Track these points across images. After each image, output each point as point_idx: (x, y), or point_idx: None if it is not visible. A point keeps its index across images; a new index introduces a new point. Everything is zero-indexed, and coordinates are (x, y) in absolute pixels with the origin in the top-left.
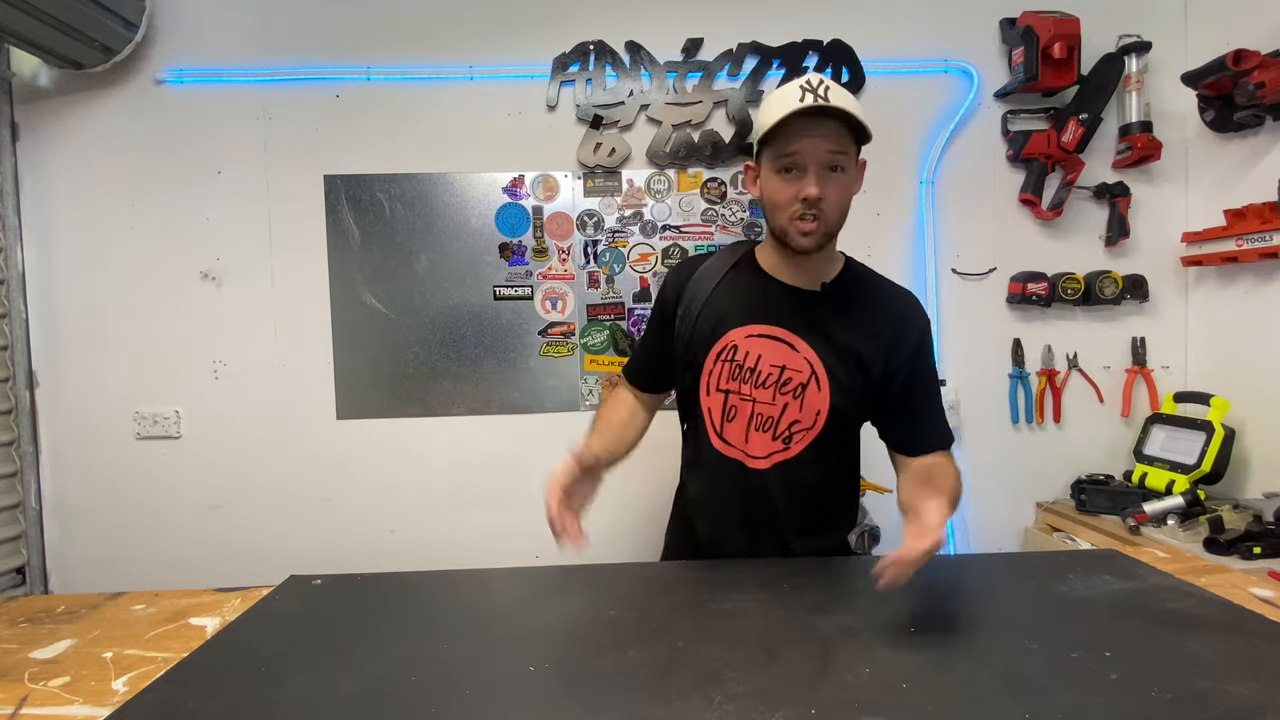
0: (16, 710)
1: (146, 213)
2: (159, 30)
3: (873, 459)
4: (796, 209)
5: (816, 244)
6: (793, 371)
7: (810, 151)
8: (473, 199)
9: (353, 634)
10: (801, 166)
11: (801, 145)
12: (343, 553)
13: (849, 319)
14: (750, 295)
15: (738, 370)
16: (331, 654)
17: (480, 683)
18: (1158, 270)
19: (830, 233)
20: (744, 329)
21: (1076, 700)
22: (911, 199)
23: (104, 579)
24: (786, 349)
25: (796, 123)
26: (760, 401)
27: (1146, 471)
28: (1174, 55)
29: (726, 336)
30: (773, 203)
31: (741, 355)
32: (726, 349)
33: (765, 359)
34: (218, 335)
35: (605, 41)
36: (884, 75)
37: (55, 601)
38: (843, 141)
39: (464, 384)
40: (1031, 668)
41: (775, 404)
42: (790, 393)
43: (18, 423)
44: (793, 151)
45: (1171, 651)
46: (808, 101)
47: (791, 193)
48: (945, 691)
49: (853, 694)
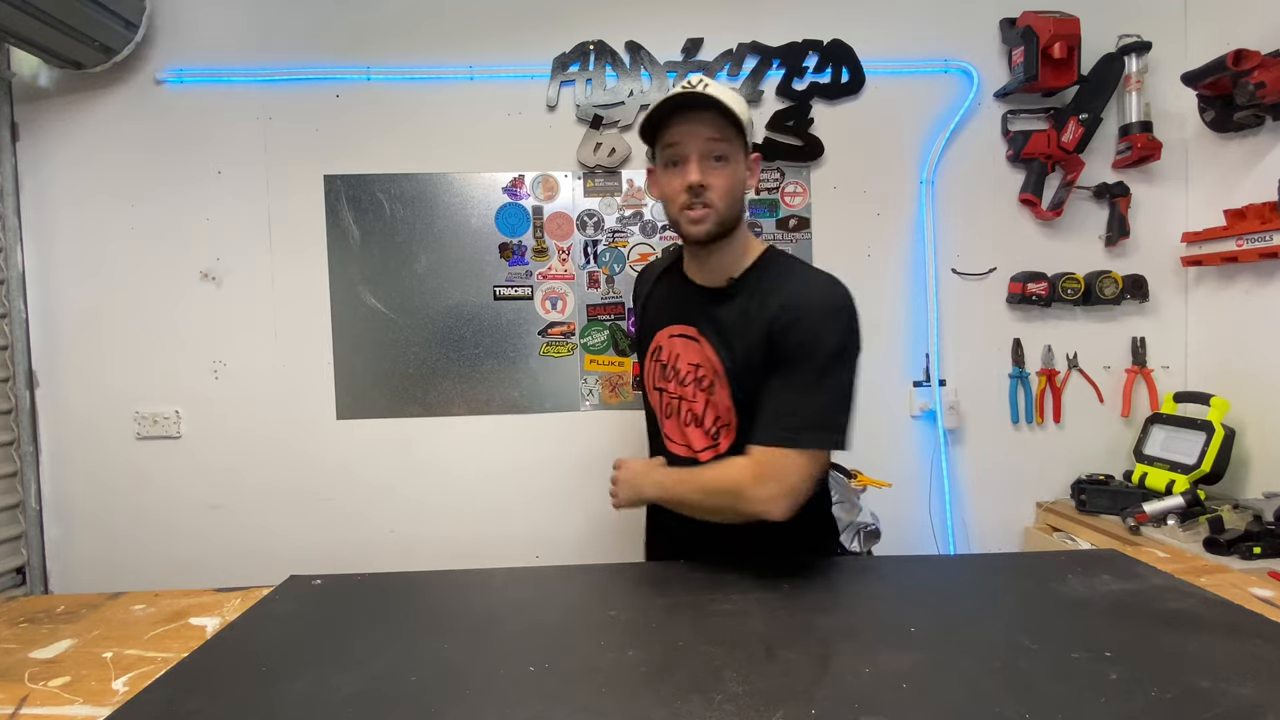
0: (16, 710)
1: (146, 213)
2: (159, 30)
3: (871, 454)
4: (684, 198)
5: (707, 232)
6: (705, 369)
7: (689, 140)
8: (473, 199)
9: (353, 634)
10: (684, 157)
11: (680, 134)
12: (343, 553)
13: (746, 313)
14: (672, 296)
15: (663, 369)
16: (332, 654)
17: (480, 682)
18: (1158, 270)
19: (722, 221)
20: (667, 329)
21: (1077, 700)
22: (911, 199)
23: (104, 579)
24: (696, 346)
25: (677, 117)
26: (686, 399)
27: (1146, 471)
28: (1174, 55)
29: (656, 337)
30: (665, 197)
31: (666, 355)
32: (656, 348)
33: (683, 357)
34: (218, 335)
35: (605, 41)
36: (884, 75)
37: (55, 601)
38: (724, 131)
39: (464, 384)
40: (1032, 667)
41: (698, 400)
42: (706, 389)
43: (18, 423)
44: (674, 142)
45: (1172, 651)
46: (679, 89)
47: (678, 183)
48: (946, 691)
49: (853, 694)
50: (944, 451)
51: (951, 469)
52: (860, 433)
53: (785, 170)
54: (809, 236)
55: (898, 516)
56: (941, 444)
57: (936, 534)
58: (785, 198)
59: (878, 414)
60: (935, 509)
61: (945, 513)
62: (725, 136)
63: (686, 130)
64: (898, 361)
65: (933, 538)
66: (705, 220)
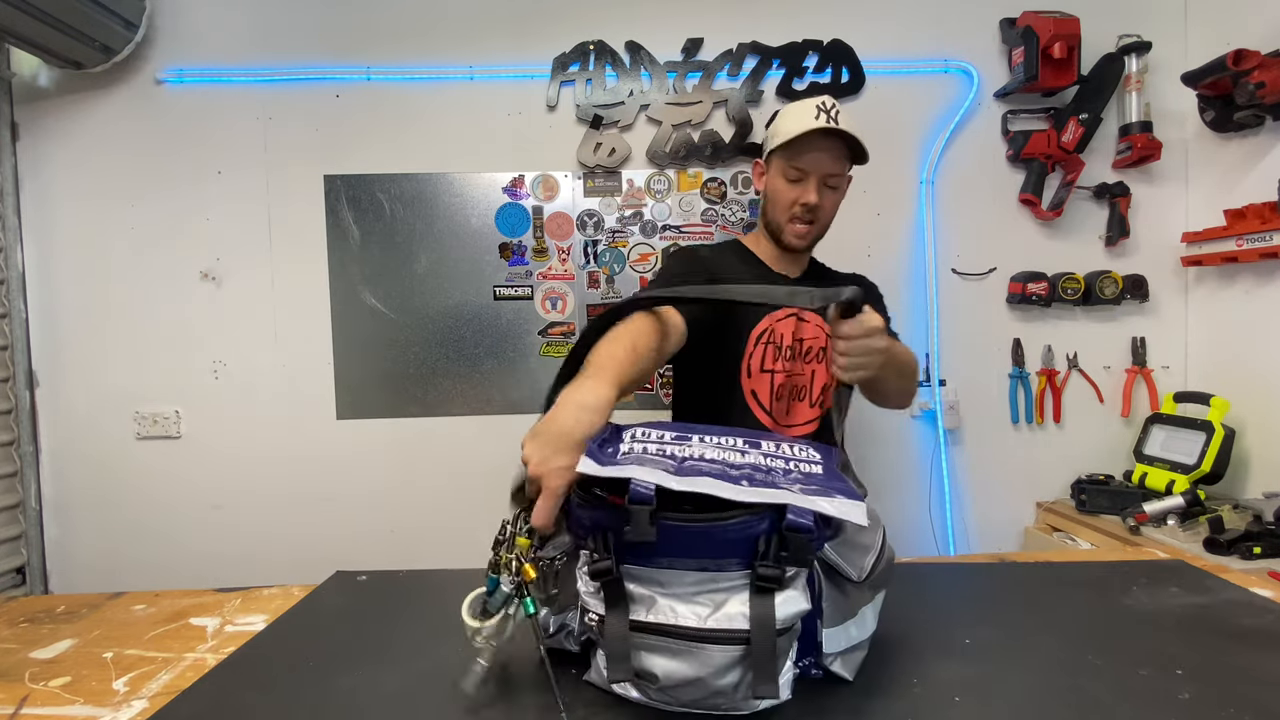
0: (16, 710)
1: (146, 213)
2: (159, 30)
3: (871, 454)
4: (796, 211)
5: (807, 245)
6: (811, 341)
7: (816, 166)
8: (473, 199)
9: (398, 630)
10: (807, 177)
11: (810, 160)
12: (343, 553)
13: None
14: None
15: (777, 351)
16: (377, 650)
17: (523, 681)
18: (1158, 270)
19: (819, 236)
20: (773, 313)
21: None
22: (911, 199)
23: (104, 579)
24: (796, 322)
25: (810, 139)
26: (796, 374)
27: (1146, 471)
28: (1174, 55)
29: (763, 321)
30: (776, 201)
31: (778, 337)
32: (764, 332)
33: (790, 335)
34: (218, 335)
35: (605, 41)
36: (884, 75)
37: (55, 601)
38: (843, 164)
39: (464, 384)
40: (1096, 685)
41: (804, 373)
42: (815, 359)
43: (18, 423)
44: (803, 165)
45: (1246, 670)
46: (821, 122)
47: (793, 196)
48: (1002, 708)
49: (902, 708)
50: (944, 451)
51: (951, 469)
52: (860, 433)
53: None
54: None
55: (898, 517)
56: (941, 444)
57: (936, 534)
58: None
59: (878, 414)
60: (935, 509)
61: (945, 513)
62: (842, 169)
63: (815, 157)
64: None
65: (932, 538)
66: (808, 235)
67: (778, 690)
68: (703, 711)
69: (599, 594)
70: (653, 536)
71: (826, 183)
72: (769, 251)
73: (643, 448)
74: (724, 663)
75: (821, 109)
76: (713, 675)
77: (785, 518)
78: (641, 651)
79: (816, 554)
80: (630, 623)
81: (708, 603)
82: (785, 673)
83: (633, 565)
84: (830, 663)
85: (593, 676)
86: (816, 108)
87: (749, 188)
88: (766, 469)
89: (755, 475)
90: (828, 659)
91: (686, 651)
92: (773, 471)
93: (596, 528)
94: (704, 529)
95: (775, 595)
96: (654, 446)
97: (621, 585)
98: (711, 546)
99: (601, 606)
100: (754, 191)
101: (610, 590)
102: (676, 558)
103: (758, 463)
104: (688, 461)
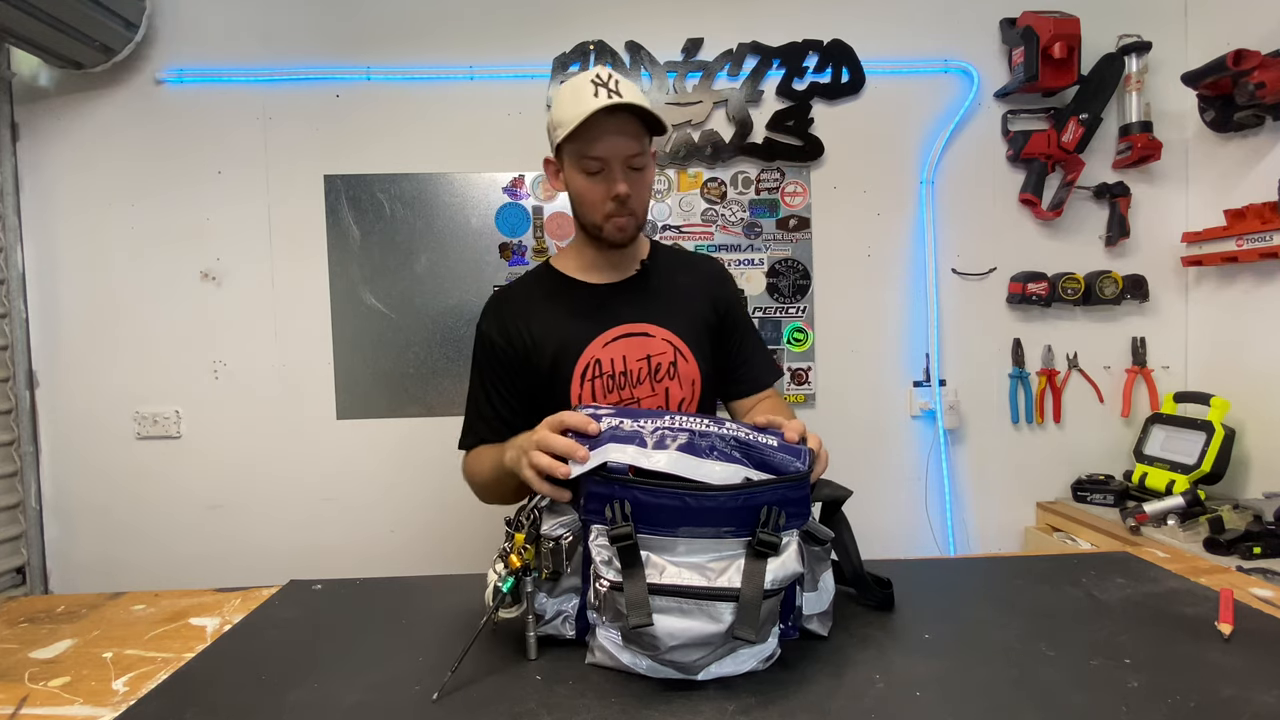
0: (16, 710)
1: (146, 213)
2: (159, 30)
3: (871, 453)
4: (610, 207)
5: (630, 237)
6: (658, 356)
7: (613, 151)
8: (473, 199)
9: (354, 640)
10: (607, 165)
11: (605, 146)
12: (342, 553)
13: (675, 288)
14: (583, 306)
15: (610, 381)
16: (333, 661)
17: (484, 687)
18: (1158, 270)
19: (640, 225)
20: (598, 339)
21: (1097, 708)
22: (911, 199)
23: (104, 579)
24: (641, 339)
25: (597, 121)
26: (644, 398)
27: (1146, 471)
28: (1174, 55)
29: (585, 354)
30: (584, 200)
31: (608, 365)
32: (589, 366)
33: (629, 358)
34: (218, 335)
35: (605, 41)
36: (884, 75)
37: (55, 601)
38: (641, 141)
39: (464, 384)
40: (1050, 675)
41: (657, 393)
42: (664, 377)
43: (18, 423)
44: (598, 155)
45: (1192, 658)
46: (603, 99)
47: (601, 191)
48: (961, 700)
49: (866, 703)
50: (944, 451)
51: (951, 469)
52: (860, 432)
53: (785, 170)
54: (809, 236)
55: (897, 517)
56: (941, 444)
57: (936, 534)
58: (785, 198)
59: (878, 414)
60: (935, 509)
61: (945, 513)
62: (643, 147)
63: (610, 142)
64: (898, 361)
65: (932, 538)
66: (629, 227)
67: (754, 634)
68: (682, 676)
69: (612, 563)
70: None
71: (630, 164)
72: (592, 260)
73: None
74: (731, 618)
75: (598, 83)
76: (719, 631)
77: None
78: (654, 614)
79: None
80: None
81: (715, 566)
82: (773, 636)
83: (646, 534)
84: (808, 623)
85: (598, 657)
86: (592, 83)
87: (749, 188)
88: (722, 436)
89: (719, 446)
90: (807, 619)
91: (696, 610)
92: (725, 439)
93: (613, 498)
94: (714, 506)
95: (771, 560)
96: (626, 422)
97: (637, 550)
98: (719, 516)
99: (616, 574)
100: (551, 192)
101: (626, 555)
102: (689, 526)
103: (705, 429)
104: (659, 432)
